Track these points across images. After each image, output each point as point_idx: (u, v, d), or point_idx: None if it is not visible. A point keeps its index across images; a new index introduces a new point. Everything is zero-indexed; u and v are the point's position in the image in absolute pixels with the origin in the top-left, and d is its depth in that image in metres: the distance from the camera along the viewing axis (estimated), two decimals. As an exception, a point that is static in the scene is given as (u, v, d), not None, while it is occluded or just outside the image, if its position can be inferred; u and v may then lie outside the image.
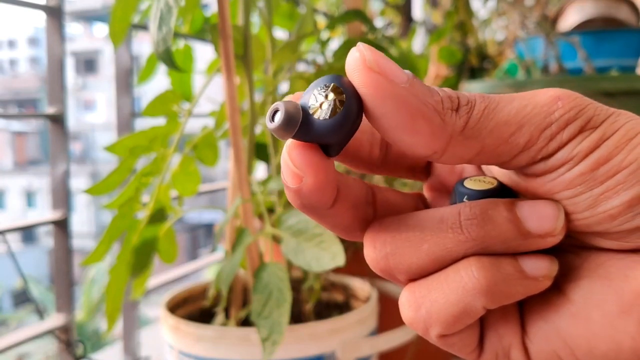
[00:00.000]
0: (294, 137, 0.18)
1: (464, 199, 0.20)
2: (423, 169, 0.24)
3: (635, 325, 0.18)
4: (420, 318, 0.20)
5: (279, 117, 0.18)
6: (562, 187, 0.19)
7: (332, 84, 0.18)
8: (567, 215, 0.19)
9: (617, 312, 0.18)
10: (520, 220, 0.19)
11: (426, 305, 0.19)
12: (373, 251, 0.20)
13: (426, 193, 0.24)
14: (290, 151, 0.18)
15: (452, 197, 0.21)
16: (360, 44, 0.18)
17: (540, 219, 0.19)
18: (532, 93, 0.19)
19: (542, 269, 0.19)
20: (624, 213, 0.18)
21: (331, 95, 0.18)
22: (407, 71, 0.18)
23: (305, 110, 0.18)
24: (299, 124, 0.18)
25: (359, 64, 0.18)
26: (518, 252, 0.19)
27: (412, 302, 0.20)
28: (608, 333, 0.18)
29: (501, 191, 0.20)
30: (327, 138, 0.18)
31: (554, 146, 0.18)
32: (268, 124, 0.18)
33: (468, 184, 0.21)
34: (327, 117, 0.18)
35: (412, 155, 0.19)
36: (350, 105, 0.18)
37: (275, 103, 0.18)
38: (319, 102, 0.18)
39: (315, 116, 0.18)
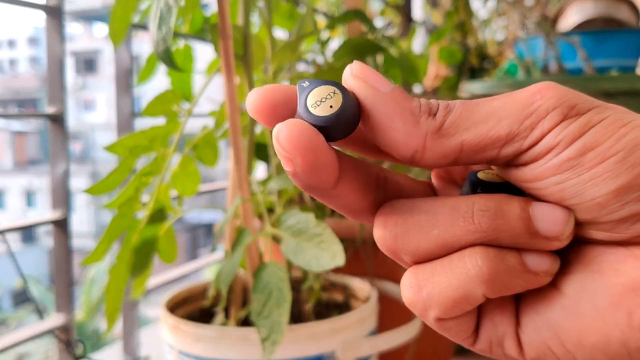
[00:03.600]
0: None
1: (478, 190, 0.21)
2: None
3: (624, 318, 0.18)
4: (420, 299, 0.20)
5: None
6: (551, 173, 0.19)
7: (335, 87, 0.20)
8: (557, 202, 0.19)
9: (607, 306, 0.19)
10: (531, 219, 0.19)
11: (428, 288, 0.20)
12: (383, 231, 0.21)
13: (434, 181, 0.25)
14: (278, 134, 0.19)
15: (465, 187, 0.22)
16: (354, 62, 0.21)
17: (551, 222, 0.19)
18: (513, 92, 0.20)
19: (543, 265, 0.20)
20: (612, 202, 0.18)
21: (336, 95, 0.20)
22: (394, 84, 0.20)
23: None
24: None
25: (347, 74, 0.20)
26: (523, 248, 0.20)
27: (414, 283, 0.20)
28: (597, 326, 0.19)
29: (513, 186, 0.21)
30: (330, 130, 0.20)
31: (537, 134, 0.19)
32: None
33: (481, 175, 0.21)
34: (325, 113, 0.19)
35: (399, 157, 0.20)
36: (347, 102, 0.20)
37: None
38: (323, 100, 0.20)
39: (312, 110, 0.19)
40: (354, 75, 0.20)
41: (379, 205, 0.22)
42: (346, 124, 0.19)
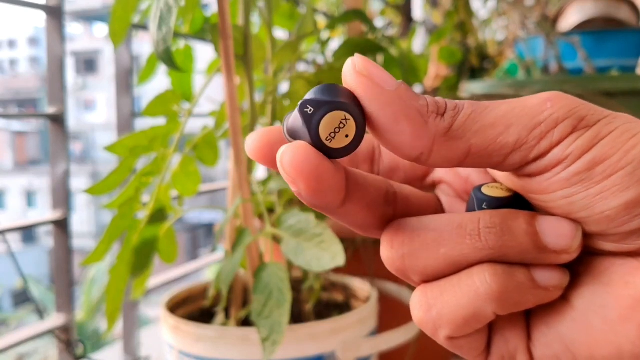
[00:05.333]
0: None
1: (483, 206, 0.20)
2: (421, 183, 0.25)
3: (636, 330, 0.18)
4: (430, 319, 0.20)
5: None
6: (559, 187, 0.19)
7: (344, 112, 0.19)
8: (565, 215, 0.19)
9: (618, 318, 0.18)
10: (538, 234, 0.19)
11: (437, 307, 0.20)
12: (390, 251, 0.20)
13: (438, 192, 0.25)
14: (282, 158, 0.19)
15: (470, 203, 0.21)
16: (355, 55, 0.19)
17: (559, 236, 0.19)
18: (522, 98, 0.19)
19: (553, 280, 0.19)
20: (621, 215, 0.18)
21: (349, 122, 0.19)
22: (399, 80, 0.19)
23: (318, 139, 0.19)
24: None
25: (350, 69, 0.19)
26: (532, 264, 0.19)
27: (423, 303, 0.20)
28: (609, 339, 0.19)
29: (518, 200, 0.20)
30: (339, 157, 0.19)
31: (546, 145, 0.18)
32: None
33: (486, 190, 0.21)
34: (343, 145, 0.19)
35: (402, 157, 0.19)
36: (360, 124, 0.19)
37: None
38: (337, 131, 0.19)
39: (328, 143, 0.19)
40: (358, 73, 0.19)
41: (388, 221, 0.21)
42: (359, 145, 0.19)
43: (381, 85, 0.19)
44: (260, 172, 0.64)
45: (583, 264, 0.20)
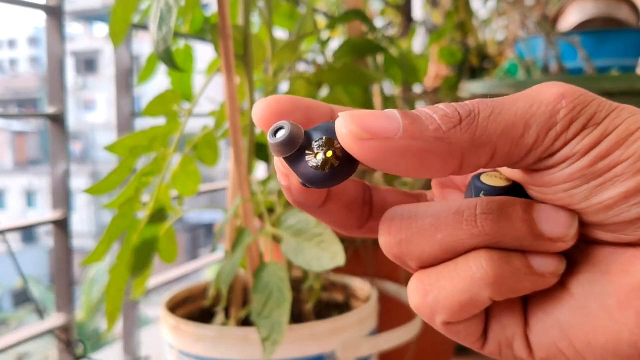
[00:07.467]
0: (285, 159, 0.19)
1: (481, 195, 0.21)
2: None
3: (634, 318, 0.18)
4: (427, 304, 0.20)
5: (282, 134, 0.19)
6: (561, 181, 0.19)
7: (335, 142, 0.19)
8: (565, 206, 0.19)
9: (616, 306, 0.19)
10: (535, 222, 0.19)
11: (434, 293, 0.20)
12: (388, 237, 0.21)
13: (435, 189, 0.25)
14: None
15: (468, 192, 0.21)
16: (340, 116, 0.18)
17: (555, 224, 0.19)
18: (535, 91, 0.19)
19: (550, 267, 0.19)
20: (620, 204, 0.18)
21: (329, 153, 0.19)
22: (394, 114, 0.18)
23: (303, 145, 0.19)
24: (297, 149, 0.19)
25: (349, 139, 0.18)
26: (528, 251, 0.20)
27: (420, 289, 0.20)
28: (607, 326, 0.19)
29: (516, 189, 0.21)
30: (309, 183, 0.19)
31: (559, 145, 0.19)
32: (269, 139, 0.19)
33: (485, 179, 0.21)
34: (316, 166, 0.19)
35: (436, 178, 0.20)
36: (337, 172, 0.19)
37: (281, 122, 0.19)
38: (316, 150, 0.19)
39: (307, 159, 0.19)
40: (358, 138, 0.18)
41: (366, 220, 0.22)
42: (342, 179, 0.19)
43: (389, 138, 0.18)
44: (260, 172, 0.64)
45: (582, 251, 0.20)
